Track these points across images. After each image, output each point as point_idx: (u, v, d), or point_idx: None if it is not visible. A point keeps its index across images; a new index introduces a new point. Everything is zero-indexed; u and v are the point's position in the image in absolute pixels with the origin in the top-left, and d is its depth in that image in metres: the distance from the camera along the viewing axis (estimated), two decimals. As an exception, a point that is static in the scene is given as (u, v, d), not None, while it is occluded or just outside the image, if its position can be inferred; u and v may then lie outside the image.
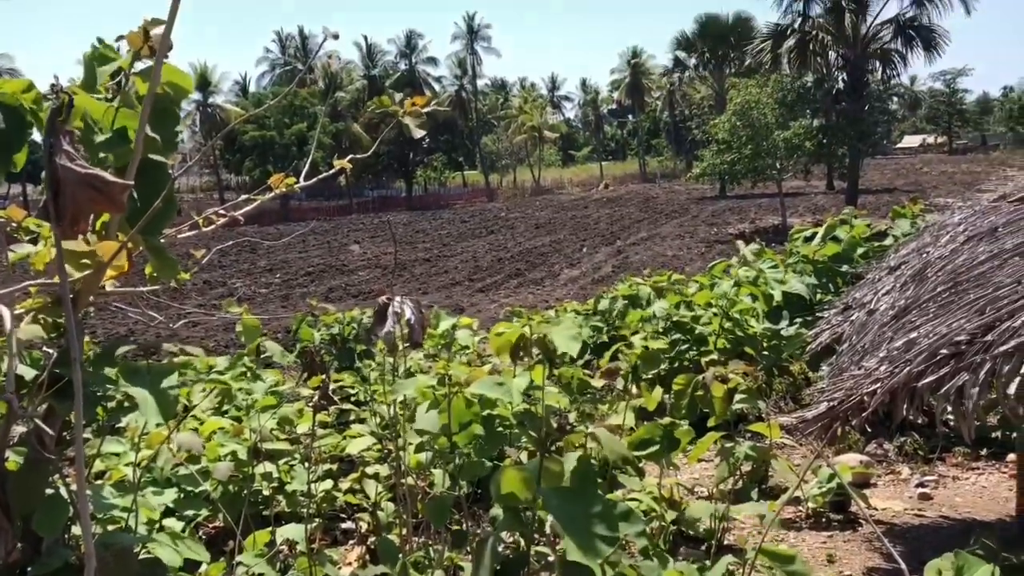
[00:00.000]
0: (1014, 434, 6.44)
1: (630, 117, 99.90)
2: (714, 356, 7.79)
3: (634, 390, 6.57)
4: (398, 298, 2.46)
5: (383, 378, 5.38)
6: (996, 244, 4.54)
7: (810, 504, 5.88)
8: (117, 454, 4.39)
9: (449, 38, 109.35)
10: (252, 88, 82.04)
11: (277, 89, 73.54)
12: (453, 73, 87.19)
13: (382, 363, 6.95)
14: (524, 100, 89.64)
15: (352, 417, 6.60)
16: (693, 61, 69.25)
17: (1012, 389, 3.04)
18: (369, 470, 4.83)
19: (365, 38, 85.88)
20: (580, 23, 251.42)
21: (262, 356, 7.08)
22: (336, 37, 2.57)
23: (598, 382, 7.45)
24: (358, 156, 3.28)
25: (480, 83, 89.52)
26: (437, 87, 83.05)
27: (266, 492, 4.99)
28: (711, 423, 6.08)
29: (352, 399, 7.61)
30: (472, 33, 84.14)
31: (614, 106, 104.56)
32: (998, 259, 4.24)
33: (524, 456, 4.42)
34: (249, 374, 7.03)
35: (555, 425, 3.03)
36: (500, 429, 4.32)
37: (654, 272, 11.56)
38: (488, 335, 10.29)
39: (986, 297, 3.73)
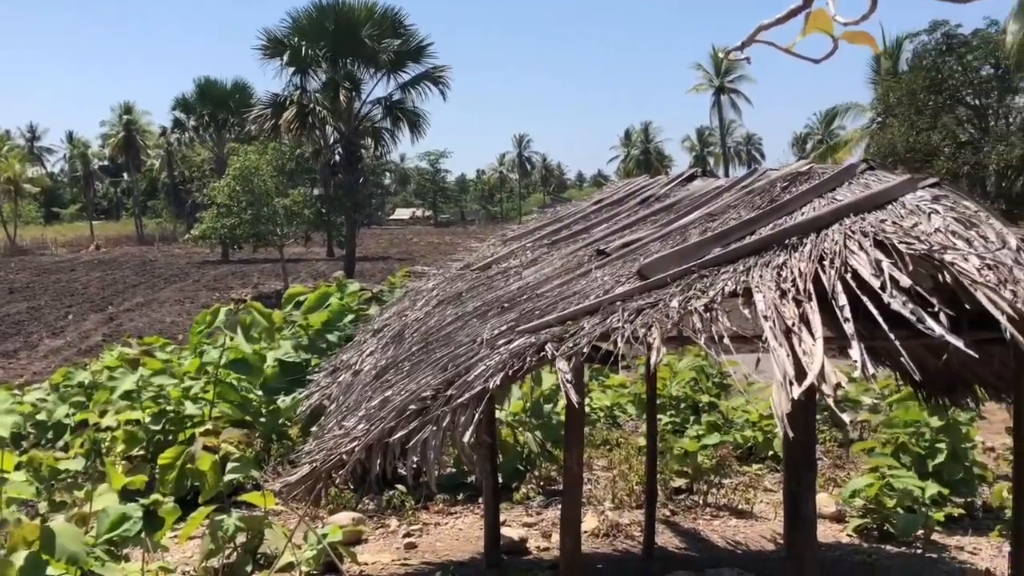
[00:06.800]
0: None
1: (124, 175, 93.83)
2: (208, 427, 7.51)
3: (119, 469, 6.05)
4: None
5: None
6: (461, 307, 5.08)
7: (303, 568, 5.90)
8: None
9: None
10: None
11: None
12: None
13: None
14: (-3, 148, 79.09)
15: None
16: (192, 123, 67.48)
17: (467, 438, 3.39)
18: None
19: None
20: (64, 70, 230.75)
21: None
22: None
23: (75, 465, 6.73)
24: None
25: (-64, 125, 76.98)
26: None
27: None
28: (202, 497, 5.84)
29: None
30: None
31: (106, 162, 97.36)
32: (461, 320, 4.74)
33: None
34: None
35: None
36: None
37: (156, 341, 10.82)
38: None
39: (449, 355, 4.13)
